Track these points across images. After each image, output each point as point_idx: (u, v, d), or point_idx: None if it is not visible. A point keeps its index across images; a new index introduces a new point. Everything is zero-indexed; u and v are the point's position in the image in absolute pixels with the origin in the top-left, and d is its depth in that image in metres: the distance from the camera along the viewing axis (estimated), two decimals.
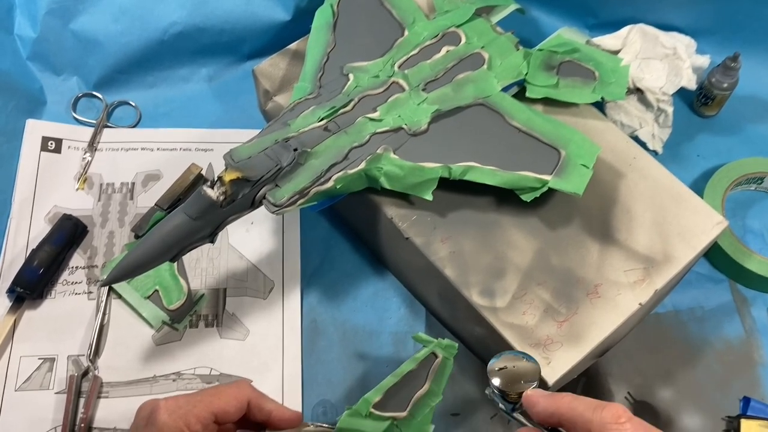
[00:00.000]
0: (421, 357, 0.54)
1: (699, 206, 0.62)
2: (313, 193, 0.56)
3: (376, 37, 0.67)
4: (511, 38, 0.67)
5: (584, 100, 0.66)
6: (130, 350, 0.65)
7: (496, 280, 0.58)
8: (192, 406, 0.49)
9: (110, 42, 0.77)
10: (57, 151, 0.74)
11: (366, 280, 0.70)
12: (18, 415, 0.61)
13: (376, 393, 0.53)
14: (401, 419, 0.53)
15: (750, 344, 0.68)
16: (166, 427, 0.47)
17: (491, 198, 0.61)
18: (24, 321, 0.65)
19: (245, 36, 0.80)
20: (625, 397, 0.65)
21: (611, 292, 0.58)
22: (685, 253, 0.60)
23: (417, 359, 0.54)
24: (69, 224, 0.68)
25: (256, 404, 0.51)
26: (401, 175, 0.58)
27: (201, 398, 0.49)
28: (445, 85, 0.64)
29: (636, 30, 0.77)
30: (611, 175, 0.63)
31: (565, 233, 0.61)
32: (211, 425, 0.49)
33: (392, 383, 0.53)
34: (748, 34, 0.80)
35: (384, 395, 0.53)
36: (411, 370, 0.54)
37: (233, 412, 0.50)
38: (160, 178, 0.73)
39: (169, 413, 0.48)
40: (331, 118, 0.60)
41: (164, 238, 0.54)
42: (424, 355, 0.55)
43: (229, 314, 0.67)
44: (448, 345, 0.55)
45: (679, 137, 0.78)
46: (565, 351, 0.56)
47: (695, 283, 0.70)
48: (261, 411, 0.51)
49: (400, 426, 0.53)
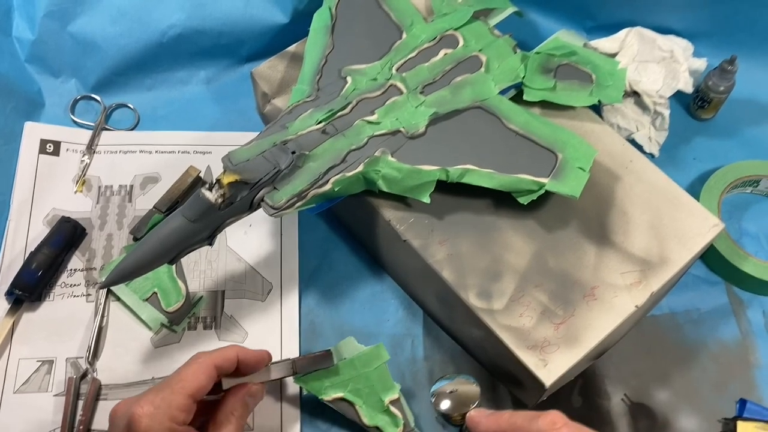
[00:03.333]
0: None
1: (695, 209, 0.62)
2: (311, 195, 0.56)
3: (374, 39, 0.67)
4: (508, 41, 0.68)
5: (581, 103, 0.66)
6: (128, 352, 0.65)
7: (494, 283, 0.59)
8: (169, 402, 0.49)
9: (108, 44, 0.77)
10: (55, 154, 0.74)
11: (364, 282, 0.70)
12: (16, 418, 0.61)
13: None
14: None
15: (746, 346, 0.68)
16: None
17: (488, 201, 0.62)
18: (22, 323, 0.65)
19: (244, 38, 0.80)
20: (622, 399, 0.65)
21: (608, 294, 0.58)
22: (682, 256, 0.60)
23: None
24: (67, 226, 0.68)
25: (222, 365, 0.52)
26: (399, 178, 0.59)
27: (172, 389, 0.49)
28: (443, 88, 0.64)
29: (633, 33, 0.77)
30: (608, 178, 0.63)
31: (562, 236, 0.61)
32: (192, 406, 0.50)
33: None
34: (744, 38, 0.80)
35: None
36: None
37: (206, 384, 0.51)
38: (158, 181, 0.73)
39: (150, 418, 0.48)
40: (329, 121, 0.60)
41: (163, 241, 0.54)
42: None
43: (228, 316, 0.67)
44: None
45: (675, 140, 0.78)
46: (561, 353, 0.56)
47: (691, 285, 0.70)
48: (233, 364, 0.53)
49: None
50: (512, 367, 0.58)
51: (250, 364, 0.55)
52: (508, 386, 0.64)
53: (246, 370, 0.55)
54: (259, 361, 0.56)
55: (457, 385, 0.58)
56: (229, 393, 0.54)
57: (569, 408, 0.64)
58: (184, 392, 0.49)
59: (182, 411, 0.49)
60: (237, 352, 0.54)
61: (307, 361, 0.59)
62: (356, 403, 0.59)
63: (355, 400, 0.59)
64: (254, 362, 0.55)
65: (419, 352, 0.66)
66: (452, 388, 0.59)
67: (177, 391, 0.49)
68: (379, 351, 0.61)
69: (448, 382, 0.60)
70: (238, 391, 0.54)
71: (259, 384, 0.56)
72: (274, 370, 0.58)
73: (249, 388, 0.55)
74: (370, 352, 0.61)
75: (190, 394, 0.50)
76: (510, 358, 0.57)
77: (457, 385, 0.58)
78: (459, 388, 0.58)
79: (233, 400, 0.54)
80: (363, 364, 0.60)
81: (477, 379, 0.59)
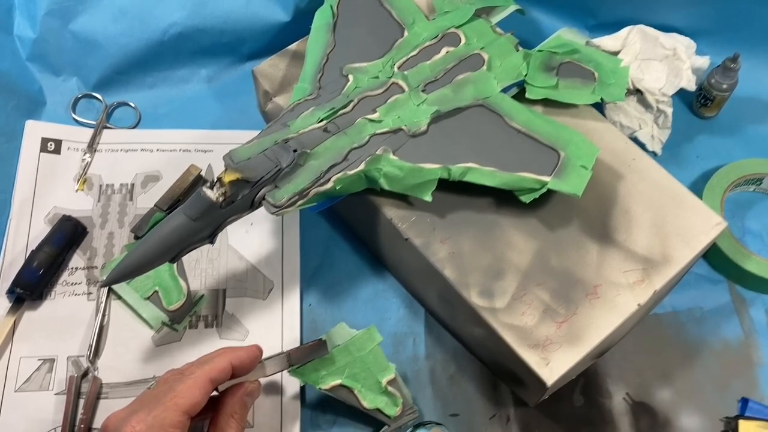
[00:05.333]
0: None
1: (698, 207, 0.62)
2: (312, 194, 0.56)
3: (376, 38, 0.67)
4: (510, 39, 0.67)
5: (584, 101, 0.66)
6: (129, 351, 0.65)
7: (496, 281, 0.58)
8: (162, 419, 0.47)
9: (110, 43, 0.77)
10: (56, 152, 0.74)
11: (365, 280, 0.70)
12: (18, 416, 0.61)
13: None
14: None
15: (748, 345, 0.68)
16: None
17: (490, 199, 0.61)
18: (24, 322, 0.65)
19: (245, 37, 0.80)
20: (624, 398, 0.65)
21: (610, 292, 0.58)
22: (684, 254, 0.60)
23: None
24: (69, 225, 0.68)
25: (217, 377, 0.51)
26: (401, 176, 0.58)
27: (165, 405, 0.48)
28: (445, 86, 0.64)
29: (636, 31, 0.77)
30: (610, 176, 0.63)
31: (565, 234, 0.61)
32: (186, 423, 0.48)
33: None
34: (747, 35, 0.80)
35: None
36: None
37: (202, 400, 0.49)
38: (159, 179, 0.73)
39: None
40: (330, 119, 0.60)
41: (164, 239, 0.54)
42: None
43: (229, 315, 0.67)
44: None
45: (678, 138, 0.78)
46: (563, 352, 0.56)
47: (694, 284, 0.70)
48: (227, 374, 0.52)
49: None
50: (514, 365, 0.57)
51: (244, 365, 0.54)
52: (509, 385, 0.64)
53: (240, 372, 0.54)
54: (253, 359, 0.54)
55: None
56: (226, 394, 0.53)
57: (571, 407, 0.64)
58: (178, 409, 0.48)
59: (176, 428, 0.47)
60: (229, 360, 0.52)
61: (302, 351, 0.59)
62: (354, 387, 0.60)
63: (353, 385, 0.60)
64: (248, 362, 0.54)
65: (421, 350, 0.66)
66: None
67: (170, 408, 0.47)
68: (371, 333, 0.61)
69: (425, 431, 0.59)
70: (236, 392, 0.53)
71: (255, 381, 0.55)
72: (269, 366, 0.57)
73: (246, 387, 0.54)
74: (363, 336, 0.61)
75: (184, 410, 0.48)
76: (512, 356, 0.56)
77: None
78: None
79: (232, 401, 0.53)
80: (357, 349, 0.61)
81: (448, 429, 0.60)
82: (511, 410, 0.64)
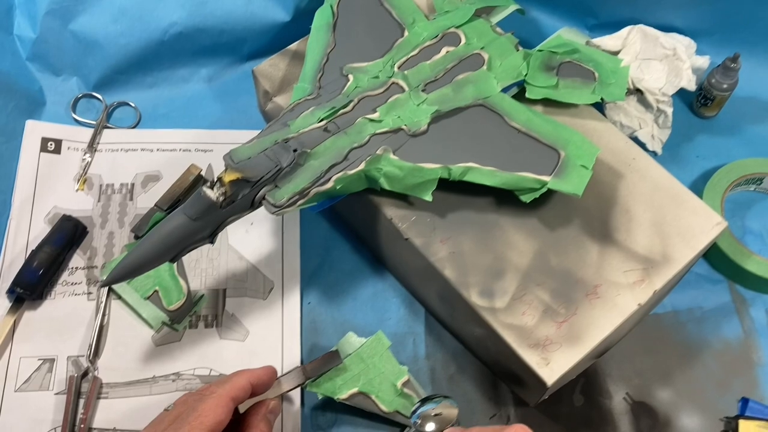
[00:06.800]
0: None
1: (698, 207, 0.62)
2: (312, 193, 0.56)
3: (376, 37, 0.67)
4: (511, 39, 0.67)
5: (584, 100, 0.66)
6: (129, 351, 0.65)
7: (496, 281, 0.58)
8: None
9: (110, 42, 0.77)
10: (56, 152, 0.74)
11: (365, 280, 0.70)
12: (18, 416, 0.61)
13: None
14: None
15: (748, 345, 0.68)
16: None
17: (491, 199, 0.61)
18: (24, 322, 0.65)
19: (245, 36, 0.80)
20: (624, 398, 0.65)
21: (610, 292, 0.58)
22: (684, 254, 0.60)
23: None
24: (69, 225, 0.68)
25: (238, 395, 0.52)
26: (401, 176, 0.58)
27: (190, 425, 0.48)
28: (445, 85, 0.64)
29: (636, 31, 0.77)
30: (610, 176, 0.63)
31: (565, 234, 0.61)
32: None
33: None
34: (747, 35, 0.80)
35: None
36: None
37: (225, 419, 0.50)
38: (159, 179, 0.73)
39: None
40: (330, 119, 0.60)
41: (164, 239, 0.54)
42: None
43: (229, 315, 0.67)
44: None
45: (678, 138, 0.78)
46: (564, 352, 0.56)
47: (694, 283, 0.70)
48: (247, 392, 0.53)
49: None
50: (514, 365, 0.57)
51: (262, 382, 0.55)
52: (509, 385, 0.64)
53: (259, 390, 0.55)
54: (270, 377, 0.56)
55: (442, 408, 0.58)
56: (249, 413, 0.54)
57: (571, 407, 0.64)
58: (204, 428, 0.48)
59: None
60: (248, 379, 0.53)
61: (316, 363, 0.60)
62: (372, 393, 0.61)
63: (370, 391, 0.61)
64: (266, 380, 0.55)
65: (421, 350, 0.66)
66: (437, 411, 0.59)
67: (196, 427, 0.48)
68: (380, 339, 0.63)
69: (433, 405, 0.59)
70: (259, 410, 0.55)
71: (276, 398, 0.57)
72: (286, 382, 0.58)
73: (268, 404, 0.55)
74: (373, 342, 0.63)
75: (210, 429, 0.48)
76: (512, 356, 0.56)
77: (442, 409, 0.58)
78: (443, 411, 0.58)
79: (256, 419, 0.54)
80: (369, 355, 0.62)
81: (456, 401, 0.59)
82: (511, 410, 0.64)
